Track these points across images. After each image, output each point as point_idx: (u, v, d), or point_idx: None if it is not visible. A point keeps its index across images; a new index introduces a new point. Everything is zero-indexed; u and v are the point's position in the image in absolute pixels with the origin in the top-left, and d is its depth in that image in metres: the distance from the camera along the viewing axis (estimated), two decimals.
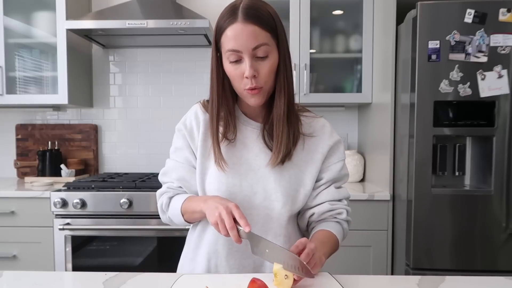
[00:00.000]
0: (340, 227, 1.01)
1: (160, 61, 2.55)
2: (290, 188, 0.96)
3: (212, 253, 0.99)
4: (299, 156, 0.98)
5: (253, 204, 0.96)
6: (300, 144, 0.99)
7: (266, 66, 0.89)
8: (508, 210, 1.68)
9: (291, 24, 2.17)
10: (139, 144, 2.58)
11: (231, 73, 0.91)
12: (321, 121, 1.05)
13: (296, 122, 0.99)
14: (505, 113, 1.67)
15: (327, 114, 2.52)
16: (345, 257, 1.92)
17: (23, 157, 2.54)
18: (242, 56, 0.88)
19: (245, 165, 0.97)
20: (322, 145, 1.00)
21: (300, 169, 0.98)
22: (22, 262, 1.99)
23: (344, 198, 1.03)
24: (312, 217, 1.01)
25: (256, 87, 0.89)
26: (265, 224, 0.96)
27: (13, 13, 2.28)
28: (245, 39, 0.87)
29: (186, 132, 1.02)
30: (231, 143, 0.98)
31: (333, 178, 1.01)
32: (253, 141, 0.99)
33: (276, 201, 0.95)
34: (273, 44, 0.90)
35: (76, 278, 0.96)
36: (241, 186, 0.96)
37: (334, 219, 1.01)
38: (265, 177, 0.96)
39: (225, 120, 0.96)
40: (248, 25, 0.87)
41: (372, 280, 0.90)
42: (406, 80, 1.78)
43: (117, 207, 1.91)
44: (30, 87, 2.35)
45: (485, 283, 0.86)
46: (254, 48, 0.87)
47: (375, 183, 2.16)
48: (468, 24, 1.65)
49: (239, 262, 0.97)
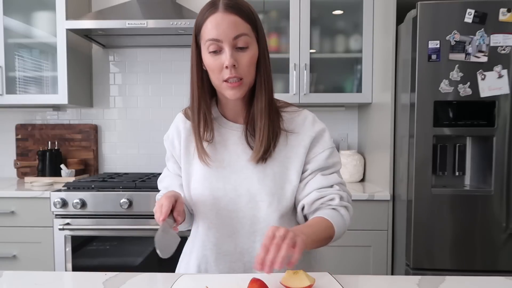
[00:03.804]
0: (337, 213, 0.94)
1: (160, 61, 2.55)
2: (275, 187, 0.94)
3: (201, 258, 1.00)
4: (283, 153, 0.96)
5: (238, 207, 0.95)
6: (283, 140, 0.96)
7: (246, 57, 0.89)
8: (508, 210, 1.68)
9: (291, 24, 2.17)
10: (139, 144, 2.58)
11: (211, 64, 0.89)
12: (303, 114, 1.00)
13: (277, 118, 0.97)
14: (505, 113, 1.67)
15: (327, 114, 2.55)
16: (345, 257, 1.92)
17: (23, 157, 2.54)
18: (222, 46, 0.87)
19: (228, 167, 0.96)
20: (304, 137, 0.97)
21: (284, 165, 0.96)
22: (22, 262, 1.99)
23: (335, 183, 0.97)
24: (304, 210, 0.96)
25: (236, 77, 0.88)
26: (252, 225, 0.95)
27: (13, 13, 2.28)
28: (226, 28, 0.86)
29: (168, 142, 1.04)
30: (212, 145, 0.97)
31: (319, 167, 0.96)
32: (234, 143, 0.97)
33: (261, 202, 0.94)
34: (253, 36, 0.90)
35: (76, 278, 0.96)
36: (225, 189, 0.95)
37: (329, 206, 0.94)
38: (249, 178, 0.95)
39: (203, 118, 0.96)
40: (229, 15, 0.87)
41: (372, 280, 0.90)
42: (406, 80, 1.78)
43: (117, 207, 1.91)
44: (30, 87, 2.35)
45: (485, 283, 0.86)
46: (235, 38, 0.87)
47: (375, 183, 2.16)
48: (468, 24, 1.65)
49: (228, 266, 0.97)
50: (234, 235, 0.96)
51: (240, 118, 0.99)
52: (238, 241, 0.96)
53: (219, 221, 0.96)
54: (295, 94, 2.18)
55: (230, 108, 0.99)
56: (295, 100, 2.17)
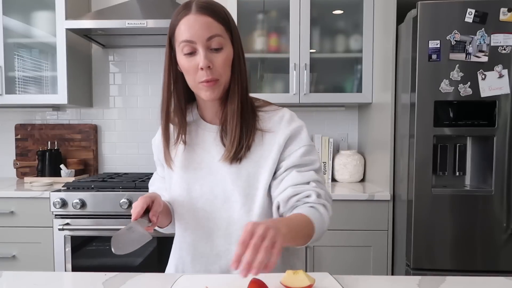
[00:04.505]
0: (315, 210, 0.88)
1: (160, 61, 2.55)
2: (247, 187, 0.93)
3: (178, 259, 1.01)
4: (258, 153, 0.94)
5: (215, 208, 0.95)
6: (258, 140, 0.95)
7: (220, 58, 0.89)
8: (508, 210, 1.68)
9: (291, 24, 2.17)
10: (139, 144, 2.57)
11: (185, 66, 0.89)
12: (280, 113, 0.98)
13: (253, 118, 0.96)
14: (505, 113, 1.66)
15: (327, 114, 2.55)
16: (345, 257, 1.92)
17: (22, 157, 2.53)
18: (196, 47, 0.87)
19: (205, 169, 0.96)
20: (278, 135, 0.94)
21: (259, 165, 0.94)
22: (22, 262, 1.98)
23: (311, 181, 0.92)
24: (280, 208, 0.92)
25: (212, 79, 0.88)
26: (228, 227, 0.95)
27: (13, 13, 2.28)
28: (199, 29, 0.87)
29: (155, 146, 1.07)
30: (190, 147, 0.98)
31: (294, 164, 0.93)
32: (210, 144, 0.98)
33: (235, 202, 0.93)
34: (227, 37, 0.90)
35: (76, 278, 0.95)
36: (201, 190, 0.96)
37: (306, 204, 0.90)
38: (223, 179, 0.94)
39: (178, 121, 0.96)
40: (202, 16, 0.87)
41: (372, 280, 0.89)
42: (406, 80, 1.78)
43: (117, 207, 1.90)
44: (30, 87, 2.35)
45: (486, 284, 0.86)
46: (208, 39, 0.87)
47: (375, 183, 2.16)
48: (469, 23, 1.65)
49: (204, 268, 0.97)
50: (210, 236, 0.96)
51: (217, 120, 0.99)
52: (214, 243, 0.96)
53: (195, 222, 0.97)
54: (295, 94, 2.17)
55: (208, 110, 0.99)
56: (295, 100, 2.17)
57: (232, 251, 0.93)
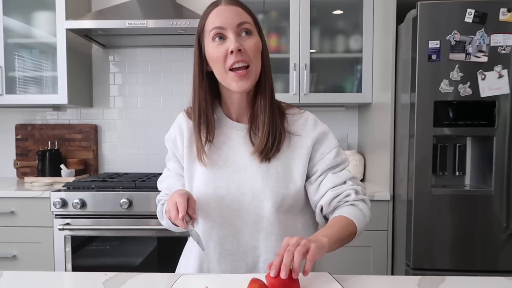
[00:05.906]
0: (355, 208, 0.95)
1: (160, 61, 2.55)
2: (278, 186, 0.94)
3: (203, 257, 1.00)
4: (285, 153, 0.97)
5: (242, 206, 0.95)
6: (286, 142, 0.97)
7: (251, 42, 0.91)
8: (508, 210, 1.68)
9: (291, 24, 2.17)
10: (139, 144, 2.57)
11: (215, 54, 0.90)
12: (304, 116, 1.01)
13: (281, 119, 0.98)
14: (505, 113, 1.67)
15: (327, 114, 2.54)
16: (345, 257, 1.92)
17: (23, 157, 2.54)
18: (226, 33, 0.89)
19: (232, 167, 0.97)
20: (306, 139, 0.98)
21: (287, 166, 0.96)
22: (22, 262, 1.98)
23: (347, 179, 0.98)
24: (323, 211, 0.98)
25: (242, 61, 0.89)
26: (256, 224, 0.95)
27: (13, 13, 2.28)
28: (229, 16, 0.89)
29: (170, 142, 1.04)
30: (216, 145, 0.98)
31: (329, 166, 0.98)
32: (238, 142, 0.98)
33: (265, 201, 0.94)
34: (254, 29, 0.93)
35: (76, 278, 0.96)
36: (228, 188, 0.96)
37: (346, 203, 0.96)
38: (252, 177, 0.95)
39: (204, 118, 0.96)
40: (232, 6, 0.91)
41: (372, 280, 0.89)
42: (406, 80, 1.78)
43: (117, 207, 1.91)
44: (30, 87, 2.35)
45: (486, 284, 0.86)
46: (238, 25, 0.89)
47: (375, 183, 2.16)
48: (469, 24, 1.65)
49: (231, 265, 0.97)
50: (237, 234, 0.96)
51: (245, 118, 1.00)
52: (241, 240, 0.96)
53: (223, 220, 0.96)
54: (295, 94, 2.18)
55: (235, 107, 0.99)
56: (295, 100, 2.17)
57: (259, 249, 0.96)
